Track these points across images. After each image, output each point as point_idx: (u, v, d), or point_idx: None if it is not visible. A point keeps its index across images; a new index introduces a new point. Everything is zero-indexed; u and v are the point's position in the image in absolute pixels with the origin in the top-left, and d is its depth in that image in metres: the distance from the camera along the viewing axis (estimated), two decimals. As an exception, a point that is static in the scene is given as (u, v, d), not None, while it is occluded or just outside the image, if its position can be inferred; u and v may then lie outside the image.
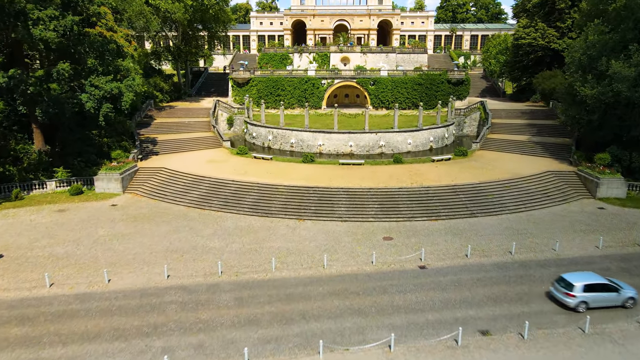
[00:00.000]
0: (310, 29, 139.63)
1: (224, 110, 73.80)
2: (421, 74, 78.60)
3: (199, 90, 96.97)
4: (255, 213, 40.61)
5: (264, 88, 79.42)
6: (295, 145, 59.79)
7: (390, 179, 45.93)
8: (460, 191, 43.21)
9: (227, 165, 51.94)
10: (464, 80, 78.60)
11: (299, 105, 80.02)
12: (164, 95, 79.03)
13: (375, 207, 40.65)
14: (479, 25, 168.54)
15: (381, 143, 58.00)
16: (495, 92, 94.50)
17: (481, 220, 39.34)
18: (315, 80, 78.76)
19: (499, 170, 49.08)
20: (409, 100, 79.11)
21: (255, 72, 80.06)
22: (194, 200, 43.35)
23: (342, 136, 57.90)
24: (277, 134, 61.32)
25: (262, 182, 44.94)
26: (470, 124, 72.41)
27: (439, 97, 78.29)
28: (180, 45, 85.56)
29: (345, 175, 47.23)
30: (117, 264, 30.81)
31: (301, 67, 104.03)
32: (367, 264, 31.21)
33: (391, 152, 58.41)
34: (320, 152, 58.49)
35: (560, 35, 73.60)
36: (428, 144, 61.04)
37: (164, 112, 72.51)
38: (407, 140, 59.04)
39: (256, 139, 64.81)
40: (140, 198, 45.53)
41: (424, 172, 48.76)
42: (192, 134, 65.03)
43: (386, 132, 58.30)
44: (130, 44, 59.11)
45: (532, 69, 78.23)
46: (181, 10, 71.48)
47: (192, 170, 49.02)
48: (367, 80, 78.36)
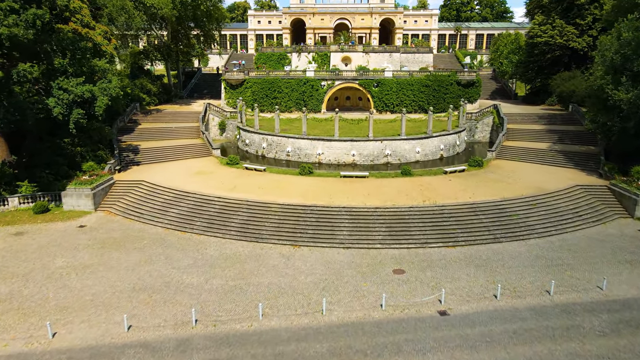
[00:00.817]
0: (309, 28, 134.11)
1: (216, 114, 68.19)
2: (428, 75, 72.98)
3: (191, 92, 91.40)
4: (243, 237, 34.97)
5: (259, 90, 73.81)
6: (292, 154, 54.16)
7: (398, 195, 40.27)
8: (479, 210, 37.55)
9: (215, 177, 46.31)
10: (475, 81, 72.93)
11: (296, 108, 74.41)
12: (152, 97, 73.44)
13: (382, 230, 34.99)
14: (485, 24, 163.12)
15: (387, 152, 52.37)
16: (506, 94, 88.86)
17: (506, 246, 33.68)
18: (315, 82, 73.15)
19: (521, 184, 43.42)
20: (416, 103, 73.48)
21: (250, 73, 74.46)
22: (174, 221, 37.72)
23: (344, 144, 52.26)
24: (272, 141, 55.69)
25: (253, 199, 39.29)
26: (483, 129, 66.74)
27: (447, 99, 72.69)
28: (170, 44, 79.98)
29: (348, 191, 41.59)
30: (69, 309, 25.17)
31: (300, 68, 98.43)
32: (376, 307, 25.57)
33: (398, 162, 52.78)
34: (320, 162, 52.88)
35: (580, 33, 68.00)
36: (438, 153, 55.39)
37: (150, 117, 66.91)
38: (415, 148, 53.40)
39: (249, 147, 59.18)
40: (113, 217, 39.89)
41: (436, 186, 43.10)
42: (179, 140, 59.39)
43: (392, 140, 52.65)
44: (110, 41, 53.58)
45: (548, 69, 72.63)
46: (168, 5, 65.85)
47: (175, 184, 43.40)
48: (370, 81, 72.74)
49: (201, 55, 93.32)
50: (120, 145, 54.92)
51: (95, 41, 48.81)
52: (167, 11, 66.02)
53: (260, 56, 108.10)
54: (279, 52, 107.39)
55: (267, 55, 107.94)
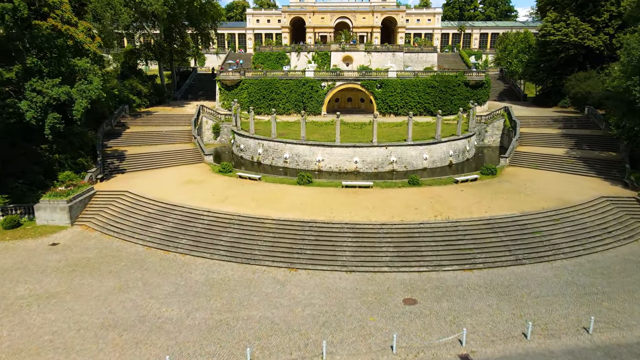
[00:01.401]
0: (309, 27, 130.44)
1: (209, 117, 64.30)
2: (434, 76, 69.08)
3: (186, 94, 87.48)
4: (233, 258, 31.11)
5: (256, 91, 69.93)
6: (290, 160, 50.31)
7: (406, 209, 36.37)
8: (498, 227, 33.65)
9: (205, 187, 42.42)
10: (484, 82, 69.03)
11: (295, 110, 70.52)
12: (143, 99, 69.54)
13: (390, 250, 31.11)
14: (489, 23, 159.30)
15: (392, 159, 48.49)
16: (515, 96, 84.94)
17: (530, 270, 29.80)
18: (314, 83, 69.26)
19: (541, 196, 39.51)
20: (421, 105, 69.58)
21: (246, 74, 70.58)
22: (157, 238, 33.85)
23: (346, 151, 48.38)
24: (268, 147, 51.82)
25: (245, 213, 35.41)
26: (493, 133, 62.84)
27: (455, 101, 68.83)
28: (162, 43, 76.10)
29: (350, 204, 37.69)
30: (23, 353, 21.31)
31: (299, 68, 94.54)
32: (385, 350, 21.71)
33: (404, 170, 48.92)
34: (319, 170, 49.01)
35: (596, 30, 64.08)
36: (447, 159, 51.51)
37: (139, 119, 63.02)
38: (422, 155, 49.52)
39: (244, 152, 55.30)
40: (91, 233, 36.03)
41: (447, 198, 39.20)
42: (169, 145, 55.51)
43: (398, 146, 48.77)
44: (94, 39, 49.67)
45: (561, 69, 68.72)
46: (159, 1, 61.95)
47: (161, 195, 39.53)
48: (373, 82, 68.84)
49: (197, 54, 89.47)
50: (105, 151, 51.05)
51: (76, 39, 44.92)
52: (158, 7, 62.17)
53: (258, 55, 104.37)
54: (278, 52, 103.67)
55: (265, 54, 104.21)
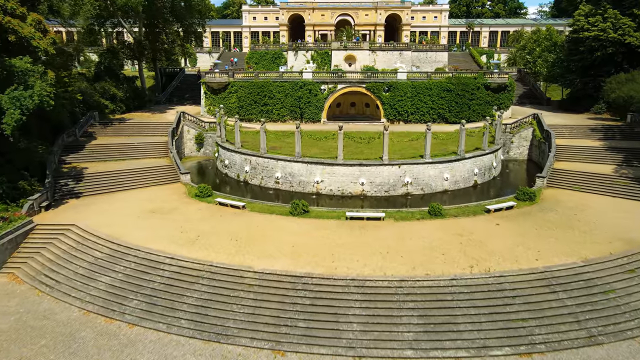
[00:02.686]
0: (309, 25, 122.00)
1: (192, 125, 55.73)
2: (450, 78, 60.49)
3: (171, 97, 78.97)
4: (197, 332, 22.59)
5: (247, 95, 61.36)
6: (282, 181, 41.81)
7: (431, 255, 27.81)
8: (556, 284, 25.04)
9: (175, 219, 33.87)
10: (507, 85, 60.39)
11: (291, 117, 62.01)
12: (117, 104, 61.02)
13: (414, 322, 22.55)
14: (499, 21, 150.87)
15: (406, 180, 39.94)
16: (536, 99, 76.32)
17: (612, 352, 21.25)
18: (313, 86, 60.69)
19: (601, 232, 30.91)
20: (434, 111, 61.00)
21: (235, 75, 62.00)
22: (100, 298, 25.33)
23: (350, 170, 39.84)
24: (257, 164, 43.30)
25: (219, 262, 26.84)
26: (519, 144, 54.25)
27: (473, 107, 60.28)
28: (142, 41, 67.59)
29: (357, 245, 29.15)
30: None
31: (296, 68, 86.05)
32: None
33: (420, 193, 40.43)
34: (318, 193, 40.53)
35: (638, 26, 55.48)
36: (471, 179, 43.00)
37: (110, 129, 54.47)
38: (443, 174, 40.97)
39: (229, 169, 46.81)
40: (17, 286, 27.53)
41: (481, 235, 30.63)
42: (141, 161, 46.96)
43: (414, 164, 40.20)
44: (46, 35, 41.18)
45: (595, 70, 60.09)
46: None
47: (116, 231, 31.02)
48: (379, 85, 60.27)
49: (187, 54, 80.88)
50: (61, 169, 42.52)
51: (20, 33, 36.48)
52: (133, 1, 53.48)
53: (253, 55, 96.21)
54: (274, 50, 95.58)
55: (260, 53, 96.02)
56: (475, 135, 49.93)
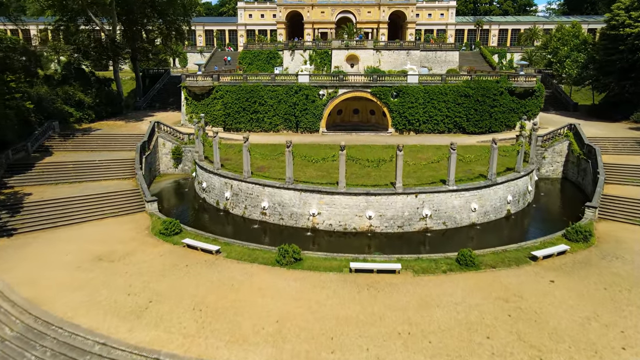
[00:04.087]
0: (308, 23, 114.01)
1: (168, 137, 47.61)
2: (468, 81, 52.28)
3: (152, 101, 70.90)
4: None
5: (234, 101, 53.20)
6: (270, 212, 33.71)
7: (470, 338, 19.64)
8: (663, 396, 16.97)
9: (126, 271, 25.77)
10: (535, 90, 52.16)
11: (285, 126, 53.89)
12: (85, 111, 52.90)
13: None
14: (509, 18, 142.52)
15: (425, 212, 31.82)
16: (561, 104, 68.14)
17: None
18: (310, 90, 52.52)
19: (695, 297, 22.83)
20: (450, 119, 52.84)
21: (221, 78, 53.82)
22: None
23: (355, 200, 31.70)
24: (240, 189, 35.15)
25: (169, 354, 18.76)
26: (553, 160, 46.12)
27: (496, 115, 52.11)
28: (116, 40, 59.44)
29: (366, 320, 21.01)
30: None
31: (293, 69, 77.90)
32: None
33: (442, 228, 32.33)
34: (314, 228, 32.43)
35: (691, 21, 47.36)
36: (504, 209, 34.89)
37: (71, 141, 46.35)
38: (470, 204, 32.83)
39: (208, 193, 38.71)
40: None
41: (534, 302, 22.45)
42: (101, 183, 38.87)
43: (434, 193, 32.03)
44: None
45: (637, 72, 51.90)
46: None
47: (41, 294, 22.97)
48: (387, 89, 52.09)
49: (174, 53, 72.58)
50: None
51: None
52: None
53: (246, 54, 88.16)
54: (268, 50, 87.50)
55: (253, 53, 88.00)
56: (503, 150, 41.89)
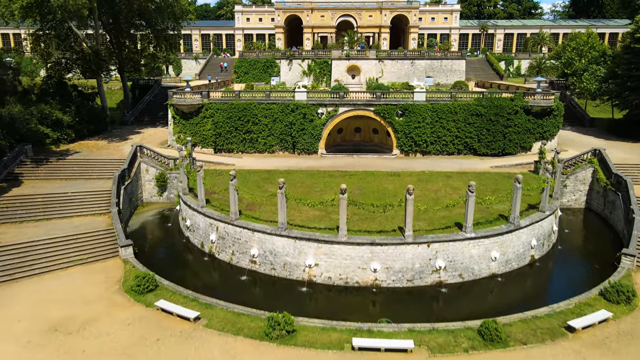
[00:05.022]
0: (307, 27, 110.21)
1: (151, 162, 43.33)
2: (480, 99, 48.01)
3: (141, 115, 66.65)
4: None
5: (225, 120, 48.94)
6: (261, 261, 29.44)
7: None
8: None
9: (81, 349, 21.40)
10: (553, 109, 47.89)
11: (281, 147, 49.65)
12: (63, 131, 48.60)
13: None
14: (514, 22, 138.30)
15: (438, 264, 27.55)
16: (576, 119, 63.89)
17: None
18: (307, 109, 48.26)
19: None
20: (460, 140, 48.58)
21: (211, 94, 49.55)
22: None
23: (358, 251, 27.42)
24: (226, 233, 30.88)
25: None
26: (575, 188, 41.87)
27: (510, 135, 47.86)
28: (99, 51, 55.17)
29: None
30: None
31: (291, 79, 73.92)
32: None
33: (459, 281, 28.09)
34: (311, 281, 28.18)
35: None
36: (527, 255, 30.64)
37: (44, 168, 42.11)
38: (489, 253, 28.56)
39: (192, 233, 34.45)
40: None
41: (579, 400, 18.31)
42: (72, 220, 34.56)
43: (449, 242, 27.76)
44: None
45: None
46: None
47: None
48: (391, 107, 47.83)
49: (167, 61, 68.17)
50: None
51: None
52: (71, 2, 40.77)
53: (241, 63, 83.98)
54: (265, 58, 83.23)
55: (249, 62, 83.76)
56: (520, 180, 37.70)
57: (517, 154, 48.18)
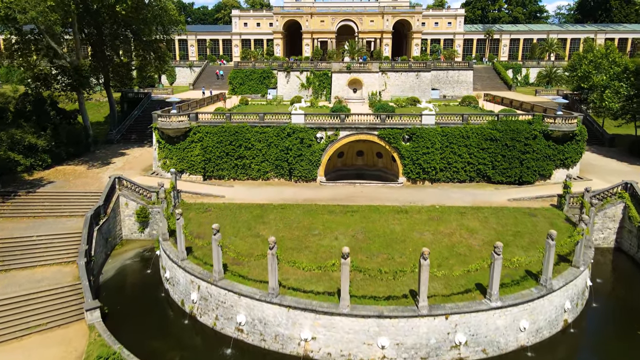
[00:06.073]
0: (307, 32, 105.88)
1: (131, 196, 38.94)
2: (495, 122, 43.67)
3: (129, 133, 62.39)
4: None
5: (215, 145, 44.59)
6: (249, 329, 25.07)
7: None
8: None
9: None
10: (576, 134, 43.55)
11: (276, 174, 45.32)
12: (39, 156, 44.23)
13: None
14: (520, 27, 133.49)
15: (458, 339, 23.20)
16: (594, 137, 59.37)
17: None
18: (305, 133, 43.90)
19: None
20: (472, 167, 44.23)
21: (199, 116, 45.17)
22: None
23: (362, 324, 23.07)
24: (209, 294, 26.53)
25: None
26: (604, 225, 37.51)
27: (527, 163, 43.50)
28: (79, 65, 50.78)
29: None
30: None
31: (288, 92, 69.64)
32: None
33: (482, 357, 23.76)
34: (308, 356, 23.82)
35: None
36: (560, 320, 26.29)
37: (9, 204, 37.60)
38: (518, 323, 24.22)
39: (172, 287, 30.11)
40: None
41: None
42: (34, 272, 30.18)
43: (470, 312, 23.43)
44: None
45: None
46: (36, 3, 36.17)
47: None
48: (397, 132, 43.52)
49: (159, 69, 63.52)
50: None
51: None
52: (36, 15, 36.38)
53: (236, 74, 79.74)
54: (262, 69, 79.07)
55: (245, 72, 79.57)
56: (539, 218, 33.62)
57: (535, 182, 43.85)
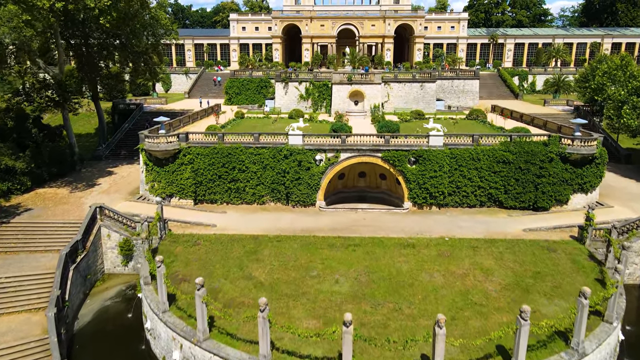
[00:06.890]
0: (306, 37, 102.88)
1: (114, 226, 35.76)
2: (508, 143, 40.52)
3: (118, 148, 59.24)
4: None
5: (207, 167, 41.45)
6: (236, 401, 21.97)
7: None
8: None
9: None
10: (595, 157, 40.35)
11: (273, 198, 42.18)
12: (18, 179, 41.22)
13: None
14: (525, 31, 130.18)
15: (480, 417, 20.11)
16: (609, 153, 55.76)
17: None
18: (303, 155, 40.74)
19: None
20: (483, 191, 41.08)
21: (190, 136, 42.01)
22: None
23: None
24: (192, 355, 23.36)
25: None
26: (630, 260, 34.31)
27: (543, 187, 40.27)
28: (62, 80, 47.64)
29: None
30: None
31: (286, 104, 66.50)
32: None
33: None
34: None
35: None
36: (592, 386, 23.13)
37: (-18, 236, 34.66)
38: (547, 395, 21.10)
39: (154, 340, 26.94)
40: None
41: None
42: (0, 320, 27.16)
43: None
44: None
45: None
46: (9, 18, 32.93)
47: None
48: (403, 154, 40.37)
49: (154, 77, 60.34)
50: None
51: None
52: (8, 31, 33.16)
53: (233, 83, 76.59)
54: (259, 78, 75.85)
55: (241, 81, 76.43)
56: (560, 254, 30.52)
57: (550, 208, 40.68)
